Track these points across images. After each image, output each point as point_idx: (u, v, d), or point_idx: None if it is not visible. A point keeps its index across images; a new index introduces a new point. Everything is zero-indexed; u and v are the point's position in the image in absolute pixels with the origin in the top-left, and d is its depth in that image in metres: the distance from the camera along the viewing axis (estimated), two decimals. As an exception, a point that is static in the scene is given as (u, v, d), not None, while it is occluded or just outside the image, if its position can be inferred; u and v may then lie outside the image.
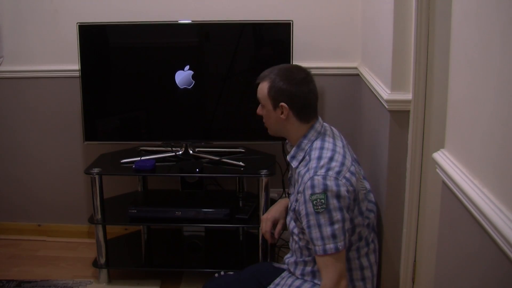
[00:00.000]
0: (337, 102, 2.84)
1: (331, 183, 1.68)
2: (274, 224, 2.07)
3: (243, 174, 2.67)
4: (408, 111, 1.87)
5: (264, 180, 2.48)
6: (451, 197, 1.36)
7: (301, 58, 2.55)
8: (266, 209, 2.50)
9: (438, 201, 1.52)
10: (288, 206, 2.00)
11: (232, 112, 2.70)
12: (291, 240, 1.93)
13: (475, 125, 1.23)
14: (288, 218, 1.92)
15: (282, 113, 1.82)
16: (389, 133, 1.98)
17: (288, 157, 1.88)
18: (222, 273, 2.06)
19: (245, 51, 2.62)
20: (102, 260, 2.63)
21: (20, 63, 2.93)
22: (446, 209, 1.45)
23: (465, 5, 1.30)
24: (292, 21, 2.52)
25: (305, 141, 1.83)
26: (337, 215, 1.68)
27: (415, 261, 1.96)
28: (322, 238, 1.68)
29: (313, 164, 1.74)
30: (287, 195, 2.73)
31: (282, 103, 1.81)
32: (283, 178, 2.74)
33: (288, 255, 1.95)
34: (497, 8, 1.10)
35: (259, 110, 1.91)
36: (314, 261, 1.80)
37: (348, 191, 1.71)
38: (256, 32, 2.63)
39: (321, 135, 1.84)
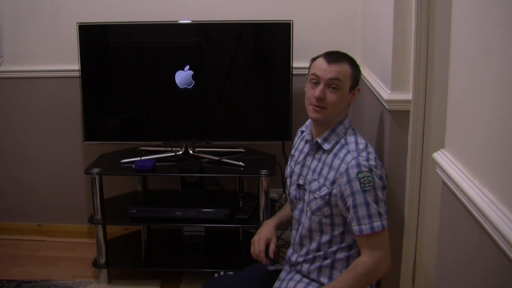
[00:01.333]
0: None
1: (373, 165, 1.73)
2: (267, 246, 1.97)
3: (243, 174, 2.67)
4: (408, 111, 1.87)
5: (264, 180, 2.48)
6: (451, 197, 1.36)
7: (301, 58, 2.55)
8: (267, 209, 2.51)
9: (438, 201, 1.52)
10: (275, 225, 2.00)
11: (232, 112, 2.70)
12: (295, 235, 1.91)
13: (475, 125, 1.23)
14: (297, 209, 1.90)
15: (352, 97, 1.84)
16: (389, 133, 1.98)
17: (319, 140, 1.83)
18: (221, 273, 2.06)
19: (245, 51, 2.62)
20: (102, 260, 2.63)
21: (20, 63, 2.93)
22: (446, 209, 1.45)
23: (465, 5, 1.30)
24: (292, 21, 2.52)
25: (341, 127, 1.84)
26: (380, 194, 1.72)
27: (415, 261, 1.95)
28: (370, 216, 1.69)
29: (352, 146, 1.78)
30: (287, 193, 2.72)
31: (359, 87, 1.86)
32: (283, 178, 2.73)
33: (291, 250, 1.93)
34: (497, 8, 1.10)
35: (327, 93, 1.76)
36: (324, 257, 1.80)
37: (381, 176, 1.76)
38: (256, 32, 2.63)
39: (351, 126, 1.88)
